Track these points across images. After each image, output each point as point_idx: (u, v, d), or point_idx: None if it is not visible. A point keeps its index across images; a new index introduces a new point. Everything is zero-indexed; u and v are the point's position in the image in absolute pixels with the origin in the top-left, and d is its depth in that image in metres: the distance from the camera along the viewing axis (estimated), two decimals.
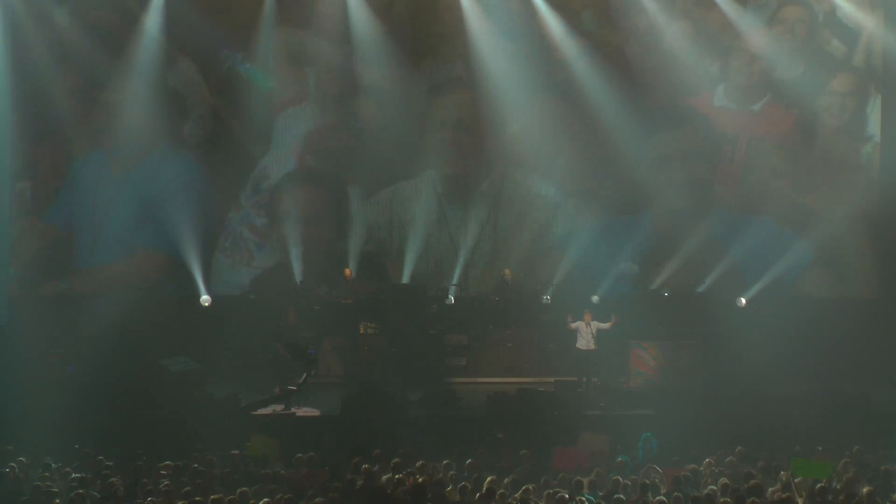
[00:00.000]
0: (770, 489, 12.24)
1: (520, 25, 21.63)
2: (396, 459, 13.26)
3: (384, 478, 12.46)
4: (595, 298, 21.17)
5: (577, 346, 18.50)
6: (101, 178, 21.25)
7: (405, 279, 21.39)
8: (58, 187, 21.35)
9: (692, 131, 21.94)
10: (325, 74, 21.57)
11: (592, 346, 18.40)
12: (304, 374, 17.48)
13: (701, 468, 13.21)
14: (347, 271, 20.87)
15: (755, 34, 21.72)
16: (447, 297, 20.71)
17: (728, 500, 11.70)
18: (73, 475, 12.71)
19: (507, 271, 20.98)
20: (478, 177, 21.89)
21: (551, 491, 11.89)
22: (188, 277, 20.86)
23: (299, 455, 13.80)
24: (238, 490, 11.92)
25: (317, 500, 11.55)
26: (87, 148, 21.31)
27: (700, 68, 21.68)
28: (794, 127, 21.91)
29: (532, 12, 21.53)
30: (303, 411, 17.07)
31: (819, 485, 12.11)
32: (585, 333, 18.46)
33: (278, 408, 17.07)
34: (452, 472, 12.87)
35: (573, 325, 18.51)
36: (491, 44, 21.43)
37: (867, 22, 21.49)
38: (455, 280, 21.26)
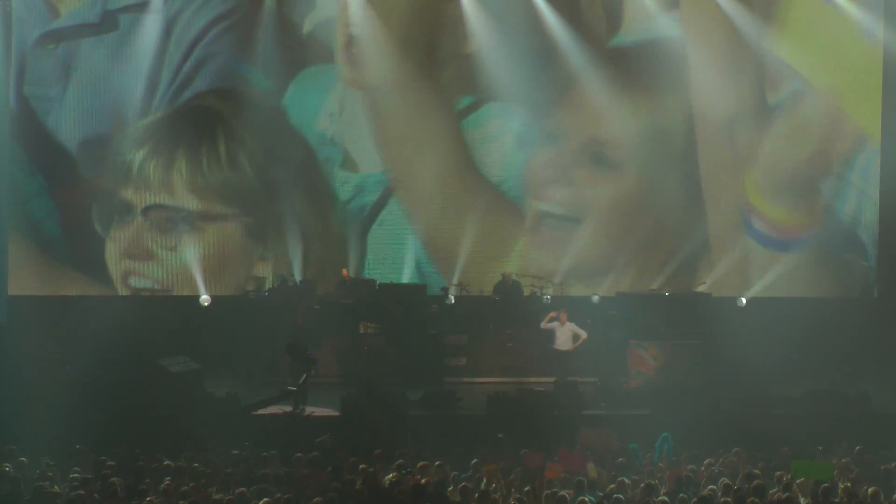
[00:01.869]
0: (771, 489, 12.24)
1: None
2: (399, 461, 13.25)
3: (384, 478, 12.46)
4: (595, 298, 21.18)
5: (554, 346, 18.55)
6: None
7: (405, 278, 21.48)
8: None
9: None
10: None
11: (569, 347, 18.43)
12: (304, 375, 17.48)
13: (701, 468, 13.20)
14: (345, 271, 20.86)
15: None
16: (447, 297, 20.71)
17: (728, 500, 11.69)
18: (73, 475, 12.70)
19: (506, 271, 20.97)
20: None
21: (551, 491, 11.89)
22: None
23: (299, 455, 13.80)
24: (238, 490, 11.92)
25: (316, 500, 11.54)
26: None
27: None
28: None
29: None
30: (312, 411, 17.10)
31: (823, 485, 12.09)
32: (561, 334, 18.50)
33: (286, 408, 17.10)
34: (455, 473, 12.87)
35: (546, 325, 18.56)
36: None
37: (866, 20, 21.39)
38: (455, 279, 21.26)
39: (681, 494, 11.74)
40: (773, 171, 21.29)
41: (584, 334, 18.58)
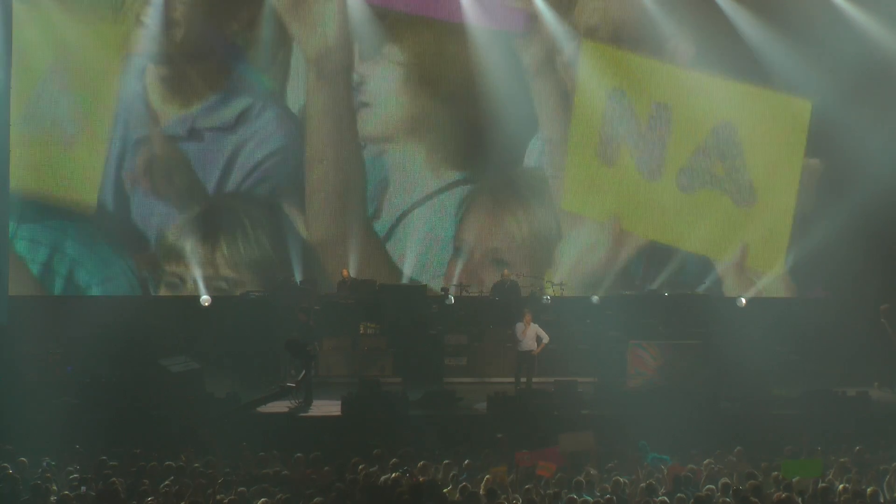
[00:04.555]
0: (770, 489, 12.24)
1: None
2: (395, 460, 13.26)
3: (384, 478, 12.46)
4: (595, 298, 21.19)
5: (519, 348, 18.50)
6: None
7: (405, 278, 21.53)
8: None
9: None
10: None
11: (532, 348, 18.42)
12: (304, 372, 17.52)
13: (701, 468, 13.21)
14: (345, 271, 20.91)
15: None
16: (447, 298, 20.72)
17: (728, 499, 11.70)
18: (73, 475, 12.72)
19: (505, 271, 21.01)
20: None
21: (549, 491, 11.90)
22: None
23: (298, 455, 13.82)
24: (238, 490, 11.93)
25: (316, 500, 11.55)
26: None
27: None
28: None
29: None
30: (314, 409, 17.17)
31: (821, 485, 12.10)
32: (524, 335, 18.45)
33: (291, 405, 17.16)
34: (454, 473, 12.87)
35: (518, 332, 18.56)
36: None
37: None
38: (455, 280, 21.29)
39: (679, 494, 11.75)
40: None
41: (546, 338, 18.51)
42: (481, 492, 11.87)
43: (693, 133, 21.74)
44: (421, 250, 21.93)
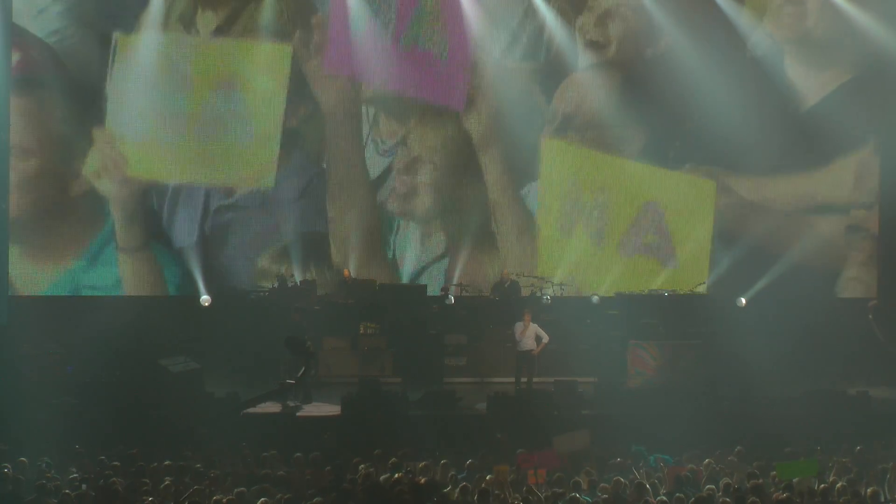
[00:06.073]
0: (770, 489, 12.25)
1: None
2: (394, 459, 13.27)
3: (383, 478, 12.47)
4: (595, 298, 21.18)
5: (518, 348, 18.49)
6: None
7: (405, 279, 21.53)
8: None
9: None
10: None
11: (532, 347, 18.40)
12: (303, 369, 17.52)
13: (701, 468, 13.21)
14: (346, 272, 20.93)
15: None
16: (447, 298, 20.72)
17: (728, 499, 11.70)
18: (74, 475, 12.71)
19: (505, 270, 21.02)
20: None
21: (547, 493, 11.91)
22: None
23: (298, 455, 13.82)
24: (236, 490, 11.93)
25: (316, 500, 11.56)
26: None
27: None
28: None
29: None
30: (314, 409, 17.19)
31: (821, 485, 12.10)
32: (523, 334, 18.44)
33: (289, 404, 17.16)
34: (452, 472, 12.87)
35: (517, 332, 18.55)
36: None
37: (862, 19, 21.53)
38: (455, 280, 21.30)
39: (678, 494, 11.75)
40: None
41: (546, 338, 18.48)
42: (485, 489, 11.87)
43: (628, 210, 22.74)
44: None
